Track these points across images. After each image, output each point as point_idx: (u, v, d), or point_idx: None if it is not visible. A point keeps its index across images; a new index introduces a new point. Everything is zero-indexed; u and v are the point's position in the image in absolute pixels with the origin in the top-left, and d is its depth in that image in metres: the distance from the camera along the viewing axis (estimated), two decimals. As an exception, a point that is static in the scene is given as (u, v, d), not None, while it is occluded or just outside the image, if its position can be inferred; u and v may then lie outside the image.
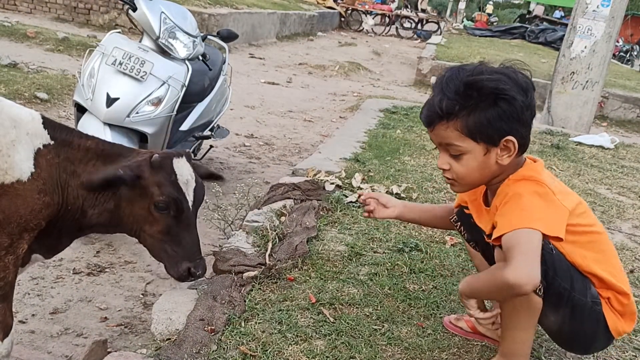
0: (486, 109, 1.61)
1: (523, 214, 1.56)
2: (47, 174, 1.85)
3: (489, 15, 25.55)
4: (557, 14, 25.44)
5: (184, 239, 2.04)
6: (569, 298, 1.66)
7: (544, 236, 1.54)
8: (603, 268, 1.69)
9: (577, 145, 5.51)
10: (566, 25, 8.82)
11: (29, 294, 2.83)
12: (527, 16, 25.30)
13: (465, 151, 1.67)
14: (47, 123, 1.90)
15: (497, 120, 1.62)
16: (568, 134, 6.02)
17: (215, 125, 4.59)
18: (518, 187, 1.64)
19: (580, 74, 6.85)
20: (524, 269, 1.46)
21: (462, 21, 24.39)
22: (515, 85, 1.62)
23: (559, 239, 1.58)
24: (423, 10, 22.13)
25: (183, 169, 2.01)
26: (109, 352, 2.12)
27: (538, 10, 25.52)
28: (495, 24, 23.80)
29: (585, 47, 6.77)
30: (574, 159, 4.87)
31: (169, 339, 1.86)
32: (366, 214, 2.10)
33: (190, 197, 2.01)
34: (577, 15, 6.82)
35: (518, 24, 21.12)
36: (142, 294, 2.99)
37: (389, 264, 2.47)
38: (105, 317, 2.76)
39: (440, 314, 2.13)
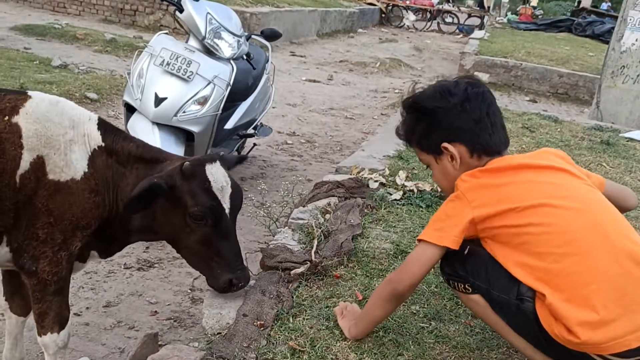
0: (418, 124, 1.83)
1: (428, 226, 1.74)
2: (100, 175, 1.89)
3: (534, 8, 24.94)
4: (604, 5, 24.66)
5: (224, 248, 1.95)
6: (489, 295, 1.69)
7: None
8: (529, 272, 1.59)
9: (628, 141, 5.33)
10: (614, 17, 8.55)
11: (83, 287, 2.94)
12: (575, 8, 24.60)
13: (427, 163, 1.88)
14: (101, 124, 1.94)
15: (427, 130, 1.81)
16: (618, 129, 5.83)
17: (258, 124, 4.65)
18: (446, 200, 1.77)
19: (631, 67, 6.63)
20: (391, 277, 1.80)
21: (506, 15, 23.90)
22: (433, 95, 1.79)
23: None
24: (488, 8, 21.73)
25: (217, 175, 1.91)
26: (161, 345, 2.18)
27: (585, 2, 24.79)
28: (540, 17, 23.23)
29: (637, 40, 6.55)
30: (625, 156, 4.72)
31: (219, 333, 1.90)
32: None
33: (227, 204, 1.92)
34: (627, 7, 6.60)
35: (564, 17, 20.55)
36: (190, 289, 3.06)
37: (435, 262, 2.46)
38: (155, 311, 2.85)
39: (488, 313, 2.11)
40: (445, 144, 1.76)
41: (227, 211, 1.93)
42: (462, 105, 1.74)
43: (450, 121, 1.75)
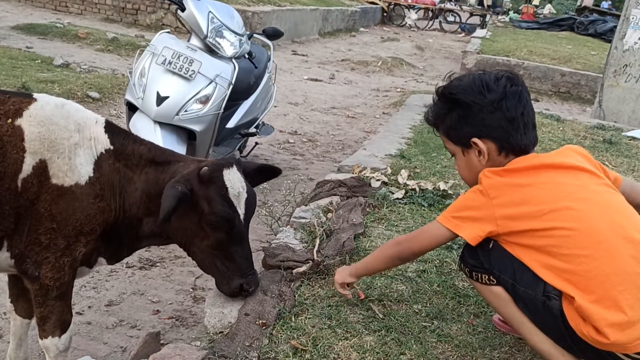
0: (450, 114, 1.80)
1: (448, 210, 1.78)
2: (106, 179, 1.86)
3: (536, 7, 24.89)
4: (604, 4, 24.60)
5: (236, 253, 1.95)
6: (513, 290, 1.70)
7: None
8: (557, 273, 1.61)
9: (630, 140, 5.32)
10: (617, 15, 8.52)
11: (85, 286, 2.94)
12: (577, 7, 24.53)
13: (452, 152, 1.87)
14: (109, 127, 1.92)
15: (458, 122, 1.78)
16: (621, 128, 5.83)
17: (260, 123, 4.65)
18: (468, 191, 1.79)
19: (634, 66, 6.62)
20: (400, 240, 1.91)
21: (508, 13, 23.85)
22: (471, 88, 1.75)
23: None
24: (489, 7, 21.68)
25: (234, 181, 1.89)
26: (163, 344, 2.18)
27: (587, 0, 24.73)
28: (542, 15, 23.17)
29: (639, 39, 6.54)
30: (627, 155, 4.72)
31: (222, 332, 1.89)
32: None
33: (242, 210, 1.91)
34: (630, 6, 6.59)
35: (566, 16, 20.50)
36: (192, 288, 3.06)
37: (438, 261, 2.46)
38: (158, 310, 2.84)
39: (490, 312, 2.11)
40: (475, 139, 1.76)
41: (241, 217, 1.92)
42: (498, 103, 1.72)
43: (484, 118, 1.74)
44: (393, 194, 3.16)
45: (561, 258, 1.60)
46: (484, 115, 1.73)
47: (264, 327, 1.89)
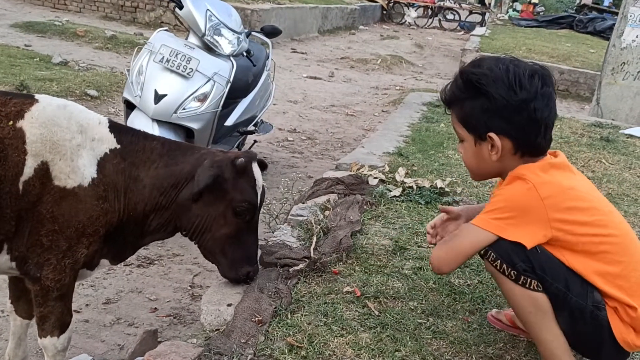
0: (471, 100, 1.68)
1: (492, 212, 1.63)
2: (110, 180, 1.86)
3: (535, 5, 24.86)
4: (606, 2, 24.56)
5: (248, 242, 2.07)
6: (564, 299, 1.61)
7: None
8: (609, 280, 1.59)
9: (628, 138, 5.33)
10: (615, 13, 8.53)
11: (82, 284, 2.94)
12: (578, 5, 24.51)
13: (462, 138, 1.76)
14: (114, 127, 1.92)
15: (479, 113, 1.67)
16: (618, 126, 5.83)
17: (259, 121, 4.65)
18: (508, 189, 1.66)
19: (632, 64, 6.62)
20: (439, 255, 1.72)
21: (507, 12, 23.82)
22: (502, 81, 1.62)
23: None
24: (489, 5, 21.64)
25: (258, 174, 2.03)
26: (160, 342, 2.19)
27: (587, -2, 24.69)
28: (541, 13, 23.15)
29: (637, 37, 6.54)
30: (624, 152, 4.72)
31: (218, 329, 1.91)
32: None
33: (259, 202, 2.06)
34: (628, 4, 6.59)
35: (566, 14, 20.49)
36: (190, 286, 3.07)
37: (434, 258, 2.46)
38: (155, 308, 2.85)
39: (485, 309, 2.12)
40: (492, 134, 1.65)
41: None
42: (527, 103, 1.61)
43: (509, 115, 1.63)
44: (390, 191, 3.17)
45: (617, 264, 1.59)
46: (509, 112, 1.62)
47: (260, 325, 1.90)
